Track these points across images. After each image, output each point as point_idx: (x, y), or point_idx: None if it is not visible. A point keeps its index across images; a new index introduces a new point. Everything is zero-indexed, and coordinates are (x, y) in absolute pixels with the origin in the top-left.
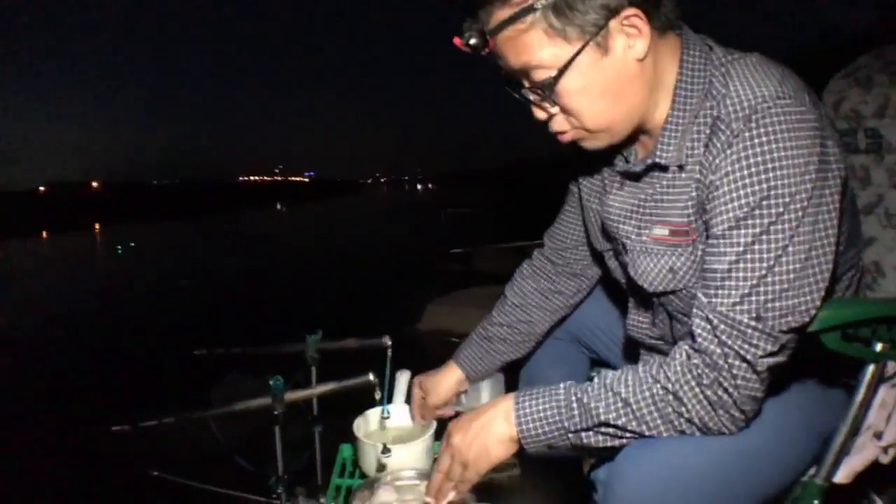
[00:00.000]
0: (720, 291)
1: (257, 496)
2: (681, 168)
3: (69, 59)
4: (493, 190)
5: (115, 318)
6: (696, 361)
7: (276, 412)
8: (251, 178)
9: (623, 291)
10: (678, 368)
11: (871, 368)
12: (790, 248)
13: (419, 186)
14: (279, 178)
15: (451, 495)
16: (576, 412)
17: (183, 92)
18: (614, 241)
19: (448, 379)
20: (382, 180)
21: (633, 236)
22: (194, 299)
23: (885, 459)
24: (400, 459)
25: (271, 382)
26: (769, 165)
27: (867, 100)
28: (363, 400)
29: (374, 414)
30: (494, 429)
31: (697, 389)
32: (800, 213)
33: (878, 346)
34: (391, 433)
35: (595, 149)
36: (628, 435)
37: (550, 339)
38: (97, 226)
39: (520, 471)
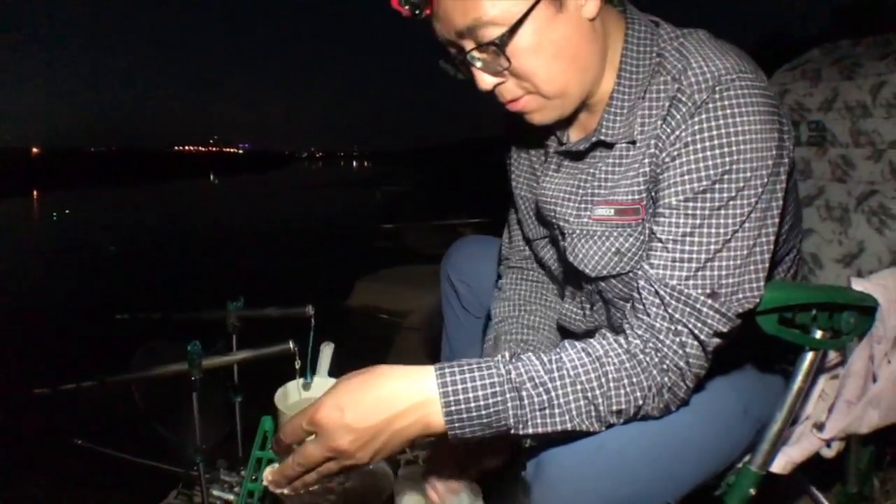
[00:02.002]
0: (671, 264)
1: (178, 467)
2: (633, 144)
3: (2, 23)
4: (429, 169)
5: (41, 283)
6: (652, 343)
7: (193, 378)
8: (186, 147)
9: (555, 282)
10: (642, 355)
11: (809, 356)
12: (746, 224)
13: (354, 163)
14: (214, 149)
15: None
16: (529, 416)
17: (119, 58)
18: (550, 227)
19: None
20: (318, 155)
21: (571, 219)
22: (121, 265)
23: (828, 454)
24: None
25: (189, 348)
26: (733, 139)
27: (813, 92)
28: (288, 371)
29: (296, 385)
30: (408, 431)
31: (659, 378)
32: (759, 189)
33: (818, 334)
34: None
35: (543, 123)
36: (582, 428)
37: (472, 318)
38: (35, 192)
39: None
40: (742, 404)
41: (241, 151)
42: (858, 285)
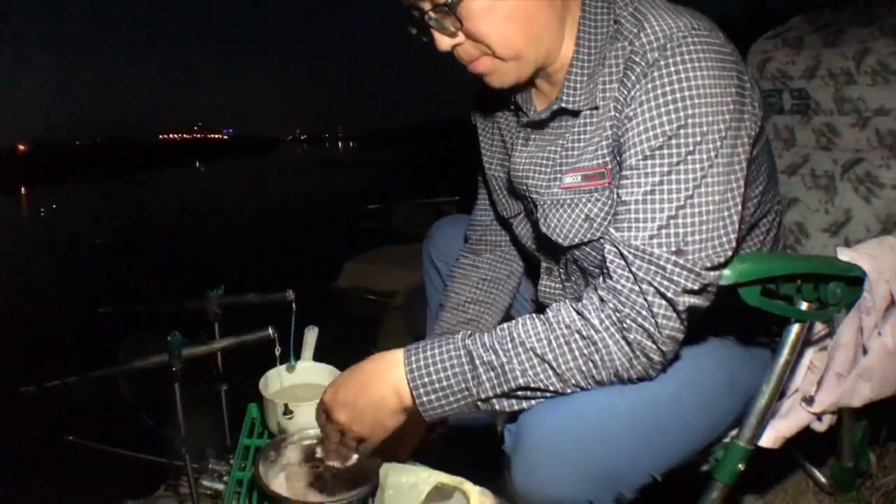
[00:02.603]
0: (635, 225)
1: (167, 459)
2: (595, 110)
3: None
4: (416, 147)
5: (27, 279)
6: (612, 304)
7: (174, 368)
8: (170, 136)
9: (533, 259)
10: (595, 313)
11: (795, 328)
12: (708, 179)
13: (340, 144)
14: (198, 136)
15: (355, 457)
16: (484, 377)
17: (100, 50)
18: (524, 201)
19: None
20: (302, 137)
21: (542, 189)
22: (107, 258)
23: (819, 427)
24: (307, 418)
25: (168, 338)
26: (686, 94)
27: (796, 60)
28: (273, 358)
29: (280, 371)
30: (387, 403)
31: (618, 335)
32: (718, 143)
33: (804, 305)
34: (299, 391)
35: (502, 86)
36: (548, 395)
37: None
38: (23, 189)
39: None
40: (728, 376)
41: (225, 137)
42: (845, 255)
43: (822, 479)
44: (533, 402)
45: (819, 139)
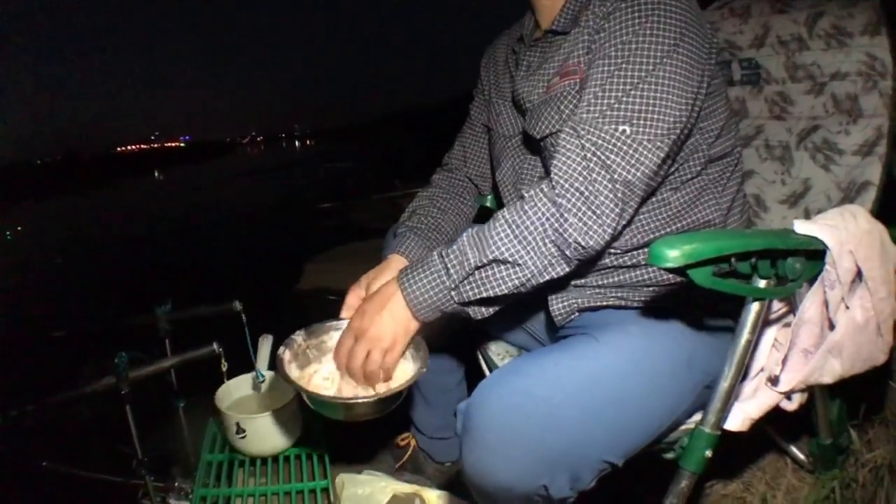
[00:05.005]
0: (590, 106)
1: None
2: (579, 28)
3: None
4: (373, 142)
5: None
6: (557, 177)
7: (122, 391)
8: (129, 147)
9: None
10: (546, 185)
11: (754, 306)
12: (660, 72)
13: (297, 143)
14: (156, 145)
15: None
16: (452, 261)
17: (54, 65)
18: (524, 114)
19: (396, 268)
20: (259, 139)
21: (534, 97)
22: (67, 277)
23: (790, 407)
24: (261, 433)
25: (115, 360)
26: (653, 10)
27: (743, 30)
28: (238, 370)
29: (236, 384)
30: (399, 309)
31: (546, 199)
32: (674, 40)
33: (762, 283)
34: (256, 402)
35: None
36: (511, 273)
37: None
38: None
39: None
40: (684, 355)
41: (182, 144)
42: (802, 227)
43: (801, 457)
44: (503, 283)
45: (772, 109)
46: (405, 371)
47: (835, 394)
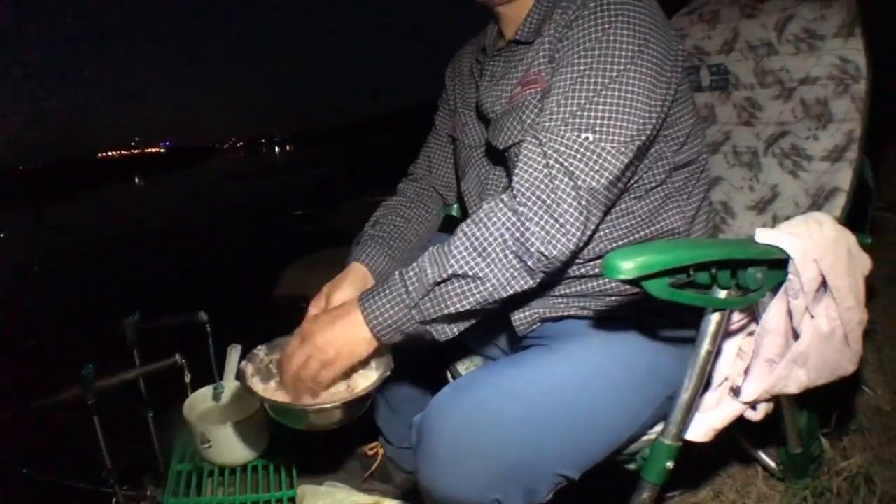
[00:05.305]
0: (552, 115)
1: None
2: (541, 37)
3: None
4: (351, 146)
5: None
6: (518, 186)
7: (89, 402)
8: (109, 153)
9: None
10: (507, 195)
11: (714, 317)
12: (623, 79)
13: (277, 148)
14: (136, 151)
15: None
16: (412, 279)
17: (39, 70)
18: (488, 123)
19: (355, 277)
20: (238, 144)
21: (496, 107)
22: (45, 285)
23: (754, 417)
24: (226, 439)
25: (82, 372)
26: (616, 17)
27: (712, 35)
28: (210, 381)
29: (204, 395)
30: (357, 329)
31: (506, 208)
32: (636, 49)
33: (722, 294)
34: (225, 411)
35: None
36: (472, 287)
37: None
38: None
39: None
40: (644, 365)
41: (163, 150)
42: (763, 236)
43: (772, 465)
44: (464, 298)
45: (741, 114)
46: (368, 378)
47: (803, 403)
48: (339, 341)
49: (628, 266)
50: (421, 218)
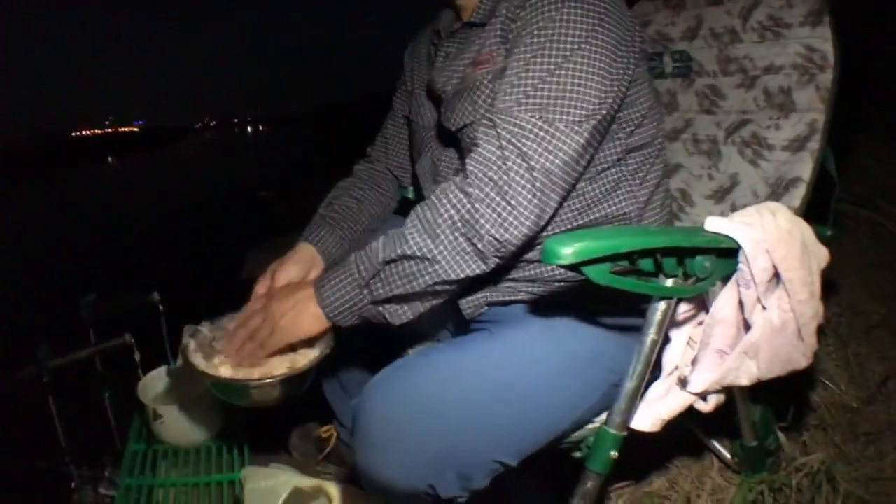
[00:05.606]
0: (506, 97)
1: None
2: (495, 18)
3: None
4: (325, 128)
5: None
6: (472, 166)
7: (44, 380)
8: (82, 132)
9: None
10: (460, 178)
11: (661, 305)
12: (574, 60)
13: (249, 129)
14: (110, 131)
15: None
16: (363, 259)
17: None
18: (440, 104)
19: (302, 257)
20: (212, 124)
21: (447, 88)
22: (8, 265)
23: (705, 408)
24: (178, 417)
25: (37, 351)
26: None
27: (676, 21)
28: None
29: (160, 374)
30: (309, 306)
31: (456, 189)
32: (588, 29)
33: (668, 282)
34: (178, 391)
35: None
36: (421, 269)
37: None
38: None
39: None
40: (587, 352)
41: (136, 130)
42: (713, 225)
43: (728, 456)
44: (413, 280)
45: (702, 102)
46: (308, 357)
47: (757, 396)
48: (291, 313)
49: (567, 251)
50: (374, 199)
